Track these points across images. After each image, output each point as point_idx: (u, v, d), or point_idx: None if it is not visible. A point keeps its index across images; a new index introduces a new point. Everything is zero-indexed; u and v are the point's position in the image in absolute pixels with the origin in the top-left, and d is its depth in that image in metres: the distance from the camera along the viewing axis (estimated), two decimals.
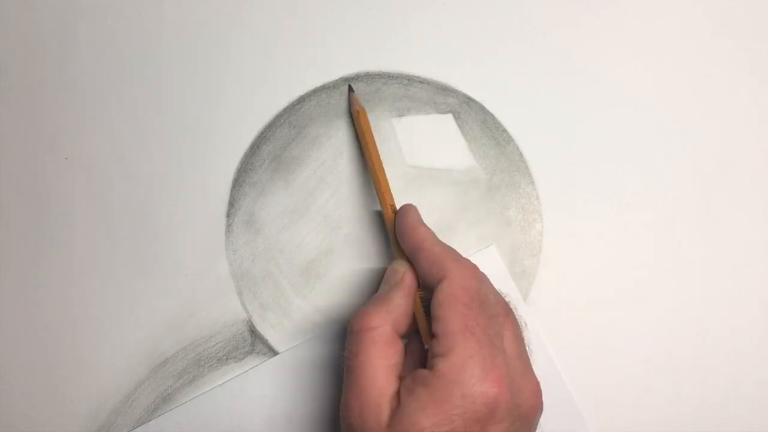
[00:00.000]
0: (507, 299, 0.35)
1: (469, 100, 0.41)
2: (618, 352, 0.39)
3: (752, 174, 0.41)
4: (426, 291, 0.34)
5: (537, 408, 0.32)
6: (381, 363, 0.32)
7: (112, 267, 0.40)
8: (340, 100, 0.41)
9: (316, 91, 0.41)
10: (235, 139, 0.41)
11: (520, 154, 0.41)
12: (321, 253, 0.40)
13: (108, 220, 0.40)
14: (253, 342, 0.40)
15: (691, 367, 0.40)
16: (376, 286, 0.40)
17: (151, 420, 0.39)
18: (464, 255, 0.38)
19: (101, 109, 0.41)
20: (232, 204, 0.40)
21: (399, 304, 0.33)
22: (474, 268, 0.34)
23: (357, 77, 0.41)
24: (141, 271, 0.40)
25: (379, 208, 0.39)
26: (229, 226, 0.40)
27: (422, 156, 0.41)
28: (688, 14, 0.42)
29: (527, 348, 0.34)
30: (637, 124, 0.41)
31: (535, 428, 0.33)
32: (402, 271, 0.35)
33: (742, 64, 0.41)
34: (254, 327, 0.40)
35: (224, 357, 0.39)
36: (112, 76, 0.41)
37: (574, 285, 0.40)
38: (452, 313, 0.32)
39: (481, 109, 0.41)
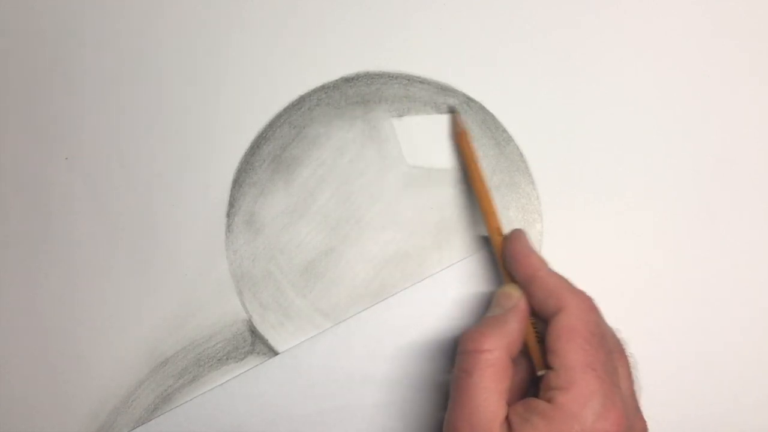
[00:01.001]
0: (618, 335, 0.35)
1: (469, 100, 0.41)
2: None
3: (752, 174, 0.41)
4: (538, 321, 0.34)
5: None
6: (494, 387, 0.31)
7: (112, 267, 0.40)
8: (340, 100, 0.41)
9: (316, 91, 0.41)
10: (235, 139, 0.41)
11: (520, 154, 0.41)
12: (321, 253, 0.40)
13: (108, 220, 0.40)
14: (254, 342, 0.40)
15: (692, 366, 0.40)
16: (376, 286, 0.40)
17: (151, 420, 0.39)
18: (464, 255, 0.38)
19: (101, 109, 0.41)
20: (232, 204, 0.40)
21: (514, 328, 0.33)
22: (591, 300, 0.34)
23: (357, 77, 0.41)
24: (141, 271, 0.40)
25: (482, 233, 0.39)
26: (229, 226, 0.40)
27: (422, 156, 0.41)
28: (688, 14, 0.42)
29: (637, 386, 0.34)
30: (637, 123, 0.41)
31: None
32: (516, 296, 0.34)
33: (742, 64, 0.41)
34: (254, 327, 0.40)
35: (224, 357, 0.39)
36: (112, 76, 0.41)
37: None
38: (572, 346, 0.32)
39: (481, 109, 0.41)
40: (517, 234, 0.36)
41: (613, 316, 0.40)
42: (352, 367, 0.39)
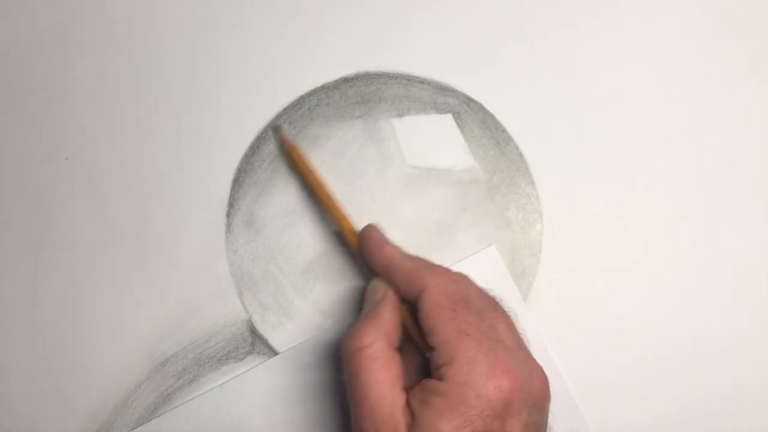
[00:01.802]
0: (492, 294, 0.35)
1: (469, 100, 0.41)
2: (618, 351, 0.39)
3: (752, 174, 0.41)
4: (410, 305, 0.34)
5: (547, 393, 0.33)
6: (384, 378, 0.32)
7: (112, 267, 0.40)
8: (340, 100, 0.41)
9: (315, 91, 0.41)
10: (235, 139, 0.41)
11: (520, 154, 0.41)
12: (321, 253, 0.40)
13: (108, 220, 0.40)
14: (253, 342, 0.40)
15: (691, 366, 0.40)
16: None
17: (151, 420, 0.39)
18: (464, 255, 0.38)
19: (101, 109, 0.41)
20: (232, 204, 0.40)
21: (388, 318, 0.33)
22: (448, 272, 0.34)
23: (357, 77, 0.41)
24: (141, 270, 0.40)
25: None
26: (229, 226, 0.40)
27: (422, 156, 0.41)
28: (688, 14, 0.42)
29: (523, 336, 0.34)
30: (637, 123, 0.41)
31: (548, 415, 0.33)
32: (383, 288, 0.35)
33: (742, 64, 0.41)
34: (254, 327, 0.40)
35: (224, 357, 0.39)
36: (112, 76, 0.41)
37: (574, 285, 0.40)
38: (441, 321, 0.32)
39: (481, 109, 0.41)
40: (368, 231, 0.37)
41: (613, 316, 0.40)
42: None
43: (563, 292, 0.40)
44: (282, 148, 0.40)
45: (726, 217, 0.40)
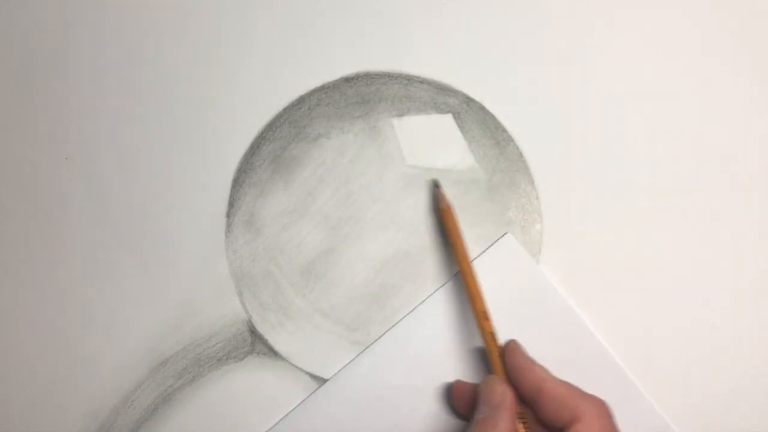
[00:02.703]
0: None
1: (469, 100, 0.41)
2: (617, 351, 0.39)
3: (752, 174, 0.41)
4: (525, 410, 0.34)
5: None
6: None
7: (112, 267, 0.40)
8: (340, 100, 0.41)
9: (316, 91, 0.41)
10: (235, 139, 0.41)
11: (520, 154, 0.41)
12: (321, 253, 0.40)
13: (108, 220, 0.40)
14: (253, 342, 0.40)
15: (691, 366, 0.40)
16: (376, 286, 0.40)
17: (150, 419, 0.39)
18: (475, 250, 0.38)
19: (101, 109, 0.41)
20: (232, 204, 0.40)
21: (504, 430, 0.33)
22: (606, 406, 0.34)
23: (357, 77, 0.41)
24: (141, 270, 0.40)
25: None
26: (229, 226, 0.40)
27: (422, 156, 0.41)
28: (689, 14, 0.41)
29: None
30: (637, 123, 0.41)
31: None
32: (500, 390, 0.34)
33: (742, 64, 0.41)
34: (254, 327, 0.40)
35: (224, 357, 0.39)
36: (113, 76, 0.41)
37: (574, 285, 0.40)
38: None
39: (481, 109, 0.41)
40: (515, 347, 0.36)
41: (613, 316, 0.40)
42: (396, 381, 0.39)
43: (563, 291, 0.40)
44: (436, 206, 0.40)
45: (726, 217, 0.40)
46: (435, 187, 0.40)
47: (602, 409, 0.33)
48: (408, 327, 0.39)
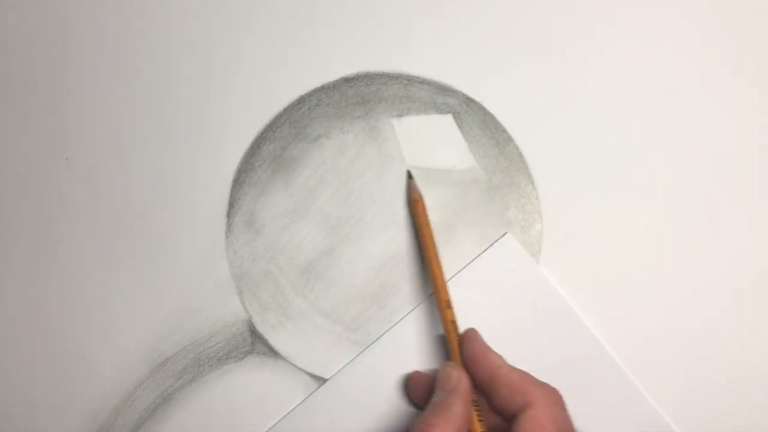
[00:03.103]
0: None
1: (469, 100, 0.41)
2: (617, 351, 0.39)
3: (752, 174, 0.41)
4: (479, 397, 0.34)
5: None
6: None
7: (112, 267, 0.40)
8: (340, 100, 0.41)
9: (316, 92, 0.41)
10: (235, 139, 0.41)
11: (520, 154, 0.41)
12: (321, 253, 0.40)
13: (108, 220, 0.40)
14: (253, 342, 0.40)
15: (691, 366, 0.40)
16: (376, 286, 0.40)
17: (151, 419, 0.39)
18: (465, 254, 0.38)
19: (101, 109, 0.41)
20: (232, 204, 0.40)
21: (459, 413, 0.33)
22: (558, 394, 0.34)
23: (357, 77, 0.41)
24: (141, 271, 0.40)
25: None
26: (229, 226, 0.40)
27: (422, 156, 0.41)
28: (689, 14, 0.41)
29: None
30: (637, 123, 0.41)
31: None
32: (456, 375, 0.34)
33: (742, 64, 0.41)
34: (254, 327, 0.40)
35: (224, 357, 0.39)
36: (113, 76, 0.41)
37: (574, 285, 0.40)
38: None
39: (481, 109, 0.41)
40: (472, 334, 0.36)
41: (612, 316, 0.40)
42: (396, 381, 0.39)
43: (563, 291, 0.40)
44: (408, 197, 0.40)
45: (726, 217, 0.40)
46: (408, 178, 0.40)
47: (555, 396, 0.33)
48: (408, 327, 0.39)
